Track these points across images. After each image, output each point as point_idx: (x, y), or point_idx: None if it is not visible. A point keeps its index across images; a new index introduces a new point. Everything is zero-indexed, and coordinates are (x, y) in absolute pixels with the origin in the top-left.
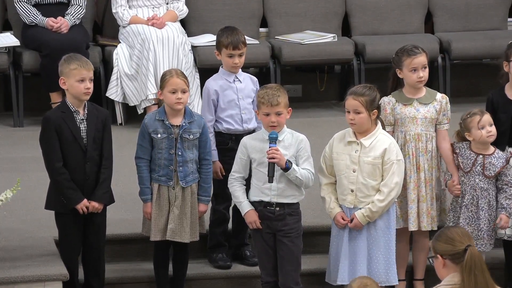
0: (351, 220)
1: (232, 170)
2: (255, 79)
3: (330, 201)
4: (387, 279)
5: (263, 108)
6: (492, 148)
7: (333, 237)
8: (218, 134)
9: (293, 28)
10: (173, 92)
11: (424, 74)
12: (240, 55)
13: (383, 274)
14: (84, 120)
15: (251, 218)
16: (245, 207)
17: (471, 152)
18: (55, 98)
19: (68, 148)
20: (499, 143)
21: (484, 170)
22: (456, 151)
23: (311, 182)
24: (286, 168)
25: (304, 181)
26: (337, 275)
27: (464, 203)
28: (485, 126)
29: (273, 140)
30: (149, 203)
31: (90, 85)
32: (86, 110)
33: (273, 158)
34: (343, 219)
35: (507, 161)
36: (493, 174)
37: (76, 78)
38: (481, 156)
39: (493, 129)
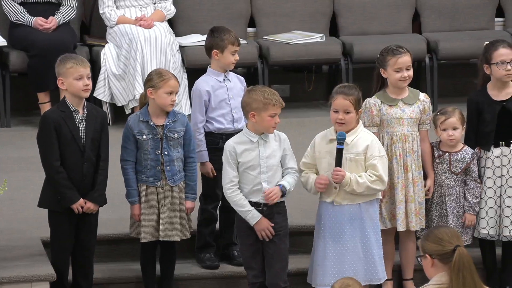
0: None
1: (229, 176)
2: (242, 78)
3: (309, 176)
4: (383, 276)
5: (271, 110)
6: (460, 145)
7: (316, 239)
8: (209, 134)
9: (281, 28)
10: (169, 94)
11: (409, 74)
12: (237, 52)
13: (380, 271)
14: (83, 120)
15: (263, 225)
16: (256, 216)
17: (438, 150)
18: (42, 98)
19: (66, 147)
20: (484, 144)
21: (451, 167)
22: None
23: (297, 180)
24: (283, 194)
25: (294, 187)
26: (322, 279)
27: (433, 201)
28: (448, 129)
29: (342, 141)
30: (137, 205)
31: (89, 82)
32: (85, 110)
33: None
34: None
35: (473, 158)
36: (459, 171)
37: (73, 76)
38: (447, 154)
39: (455, 134)
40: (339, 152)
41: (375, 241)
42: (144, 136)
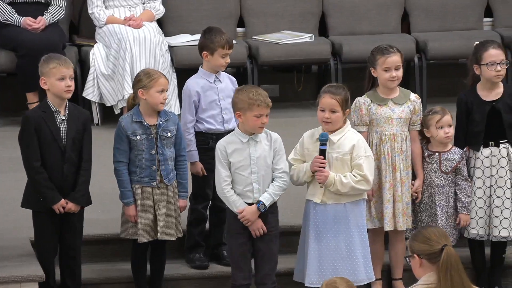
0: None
1: (222, 176)
2: (234, 79)
3: (302, 165)
4: (367, 277)
5: (256, 110)
6: (449, 145)
7: (301, 237)
8: (199, 134)
9: (270, 28)
10: (161, 92)
11: (397, 74)
12: (229, 54)
13: (363, 272)
14: (65, 121)
15: (258, 224)
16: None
17: (428, 150)
18: (31, 98)
19: (47, 148)
20: (474, 143)
21: (441, 167)
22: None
23: (287, 183)
24: (262, 212)
25: (283, 192)
26: (305, 277)
27: (423, 201)
28: (444, 127)
29: (324, 142)
30: (132, 206)
31: (71, 83)
32: (67, 110)
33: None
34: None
35: (462, 157)
36: (449, 170)
37: (56, 77)
38: (437, 153)
39: (451, 131)
40: (322, 153)
41: (360, 241)
42: (138, 137)
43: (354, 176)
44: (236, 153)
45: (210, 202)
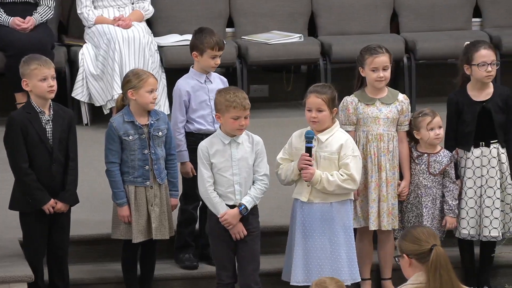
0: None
1: (204, 177)
2: (225, 79)
3: (289, 164)
4: (351, 277)
5: (233, 112)
6: (438, 147)
7: (288, 236)
8: (189, 134)
9: (260, 28)
10: (150, 92)
11: (385, 74)
12: (220, 56)
13: (347, 272)
14: (50, 121)
15: (239, 227)
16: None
17: (416, 151)
18: (20, 98)
19: (34, 149)
20: (464, 144)
21: (429, 168)
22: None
23: (268, 186)
24: (243, 215)
25: (263, 195)
26: (291, 276)
27: (410, 202)
28: (434, 128)
29: (310, 139)
30: (125, 206)
31: (53, 83)
32: (51, 110)
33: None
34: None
35: (451, 160)
36: (437, 172)
37: (38, 78)
38: (426, 155)
39: (441, 132)
40: (308, 150)
41: (345, 241)
42: (130, 137)
43: (341, 175)
44: (218, 154)
45: (200, 202)
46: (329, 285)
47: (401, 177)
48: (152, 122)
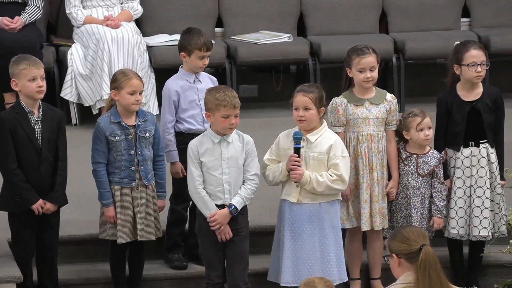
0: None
1: (194, 176)
2: (214, 78)
3: (277, 165)
4: (340, 277)
5: (223, 111)
6: (427, 148)
7: (275, 236)
8: (179, 134)
9: (249, 28)
10: (132, 94)
11: (372, 75)
12: (208, 56)
13: (336, 272)
14: (39, 121)
15: (226, 229)
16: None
17: (405, 151)
18: (9, 98)
19: (23, 149)
20: (454, 144)
21: (418, 169)
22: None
23: (258, 186)
24: (233, 216)
25: (253, 195)
26: (280, 277)
27: (398, 202)
28: (424, 129)
29: (298, 140)
30: (111, 207)
31: (43, 83)
32: (40, 110)
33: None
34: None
35: (440, 161)
36: (426, 173)
37: (27, 78)
38: (415, 155)
39: (431, 133)
40: (296, 151)
41: (334, 241)
42: (117, 137)
43: (330, 175)
44: (208, 153)
45: (190, 203)
46: (318, 284)
47: (389, 177)
48: (139, 123)
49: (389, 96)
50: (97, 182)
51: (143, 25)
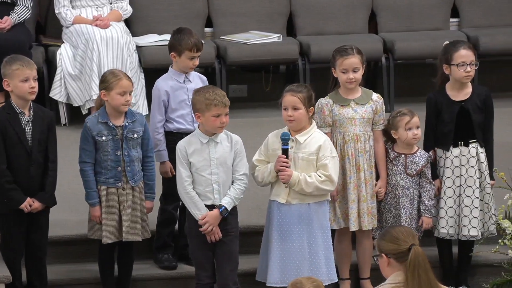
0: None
1: (183, 176)
2: (204, 77)
3: (266, 166)
4: (329, 277)
5: (214, 110)
6: (415, 147)
7: (264, 237)
8: (169, 133)
9: (238, 28)
10: (122, 94)
11: (355, 76)
12: (198, 57)
13: (325, 272)
14: (30, 122)
15: (217, 230)
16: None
17: (393, 151)
18: None
19: (13, 150)
20: (444, 143)
21: (406, 169)
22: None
23: (247, 185)
24: (224, 216)
25: (243, 195)
26: (268, 277)
27: (387, 202)
28: (412, 128)
29: (286, 141)
30: (97, 206)
31: (35, 84)
32: (31, 111)
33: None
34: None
35: (428, 161)
36: (414, 173)
37: (19, 78)
38: (403, 155)
39: (419, 132)
40: (285, 152)
41: (323, 242)
42: (103, 138)
43: (319, 176)
44: (196, 153)
45: (180, 203)
46: (305, 285)
47: (377, 177)
48: (127, 124)
49: (375, 96)
50: (84, 181)
51: (133, 25)
